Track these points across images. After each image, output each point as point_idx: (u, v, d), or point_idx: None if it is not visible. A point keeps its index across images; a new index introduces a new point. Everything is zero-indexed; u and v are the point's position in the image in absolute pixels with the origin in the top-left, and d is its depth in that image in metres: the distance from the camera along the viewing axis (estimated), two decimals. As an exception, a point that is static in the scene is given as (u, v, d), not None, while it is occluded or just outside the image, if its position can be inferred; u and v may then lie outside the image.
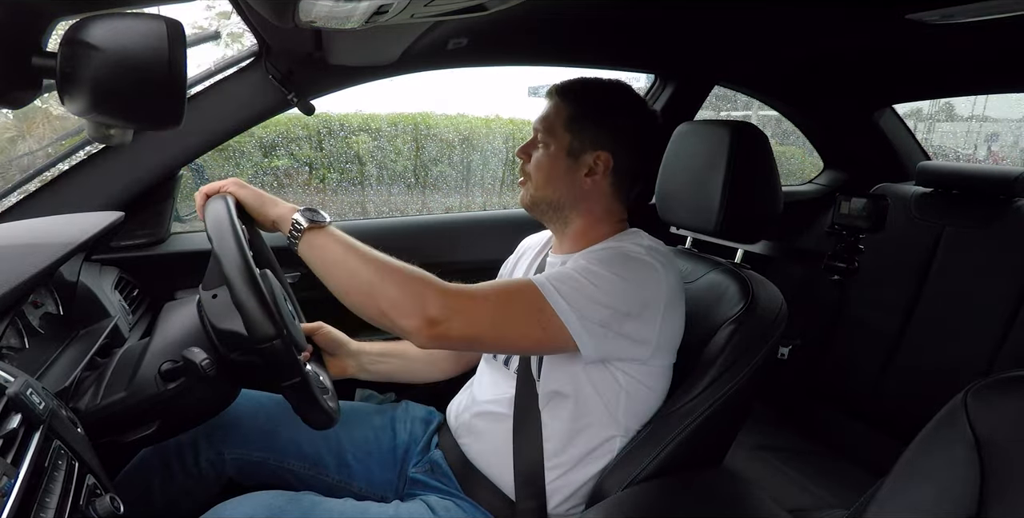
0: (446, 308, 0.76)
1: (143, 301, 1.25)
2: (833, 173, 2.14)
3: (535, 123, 0.97)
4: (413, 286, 0.77)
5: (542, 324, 0.79)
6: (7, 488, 0.50)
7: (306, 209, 0.83)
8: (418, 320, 0.75)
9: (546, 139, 0.94)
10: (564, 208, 0.96)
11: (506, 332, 0.80)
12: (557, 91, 0.96)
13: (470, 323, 0.78)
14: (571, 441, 0.90)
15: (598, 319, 0.80)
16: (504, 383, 0.96)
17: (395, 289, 0.76)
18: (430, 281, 0.78)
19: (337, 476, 1.00)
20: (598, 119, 0.93)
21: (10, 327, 0.80)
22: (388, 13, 0.66)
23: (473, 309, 0.78)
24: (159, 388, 0.77)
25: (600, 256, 0.86)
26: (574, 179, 0.94)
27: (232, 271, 0.70)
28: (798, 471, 1.46)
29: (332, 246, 0.80)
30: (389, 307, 0.76)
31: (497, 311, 0.79)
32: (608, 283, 0.81)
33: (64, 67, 0.48)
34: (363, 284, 0.77)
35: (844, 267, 1.24)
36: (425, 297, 0.76)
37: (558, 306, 0.79)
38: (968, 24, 1.05)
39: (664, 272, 0.86)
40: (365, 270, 0.78)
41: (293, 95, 1.21)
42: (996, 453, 0.52)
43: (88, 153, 1.18)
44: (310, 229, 0.81)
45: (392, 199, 2.93)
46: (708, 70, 1.69)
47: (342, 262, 0.79)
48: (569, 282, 0.81)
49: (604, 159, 0.93)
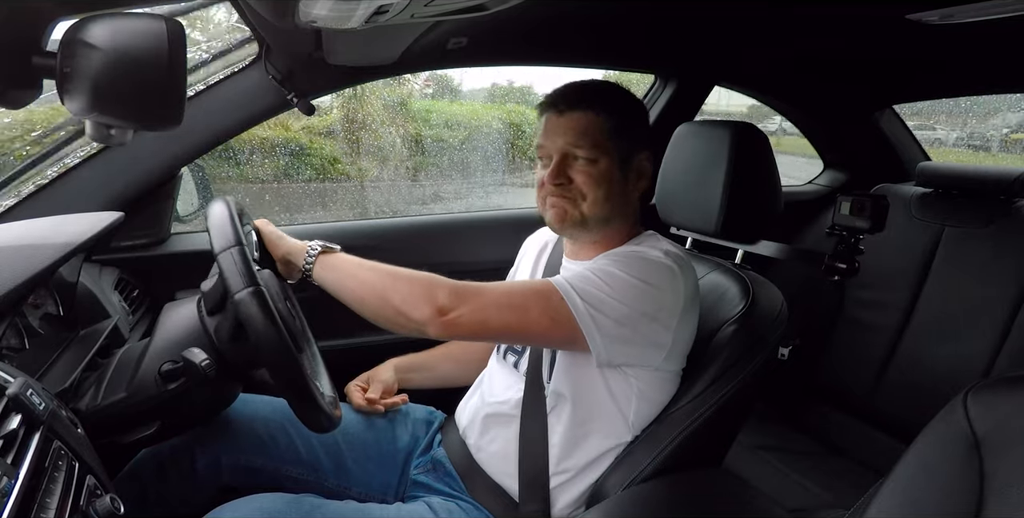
0: (455, 296, 0.79)
1: (143, 301, 1.25)
2: (833, 173, 2.14)
3: (565, 140, 0.89)
4: (423, 281, 0.81)
5: (550, 314, 0.80)
6: (7, 488, 0.50)
7: (316, 241, 0.89)
8: (430, 309, 0.78)
9: (592, 154, 0.88)
10: (612, 220, 0.93)
11: (515, 318, 0.81)
12: (584, 103, 0.89)
13: (476, 310, 0.80)
14: (578, 445, 0.90)
15: (613, 318, 0.80)
16: (514, 385, 0.96)
17: (406, 286, 0.81)
18: (439, 277, 0.83)
19: (335, 481, 0.99)
20: (633, 122, 0.93)
21: (10, 327, 0.79)
22: (388, 13, 0.66)
23: (481, 296, 0.81)
24: (159, 389, 0.77)
25: (619, 259, 0.86)
26: (626, 190, 0.93)
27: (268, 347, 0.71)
28: (798, 471, 1.46)
29: (344, 264, 0.86)
30: (401, 302, 0.79)
31: (504, 298, 0.82)
32: (625, 285, 0.81)
33: (64, 67, 0.48)
34: (376, 289, 0.81)
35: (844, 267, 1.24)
36: (435, 289, 0.80)
37: (572, 301, 0.80)
38: (968, 24, 1.05)
39: (683, 277, 0.86)
40: (377, 277, 0.83)
41: (293, 95, 1.21)
42: (996, 453, 0.52)
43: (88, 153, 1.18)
44: (323, 253, 0.88)
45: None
46: (708, 70, 1.69)
47: (355, 275, 0.84)
48: (585, 281, 0.82)
49: (649, 159, 0.94)
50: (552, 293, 0.81)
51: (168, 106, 0.50)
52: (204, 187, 1.40)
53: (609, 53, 1.54)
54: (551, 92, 0.93)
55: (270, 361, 0.71)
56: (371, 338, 1.43)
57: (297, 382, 0.72)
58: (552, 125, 0.90)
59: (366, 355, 1.18)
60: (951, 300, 1.49)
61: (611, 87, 0.94)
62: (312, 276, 0.87)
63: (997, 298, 1.41)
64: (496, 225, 1.70)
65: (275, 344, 0.69)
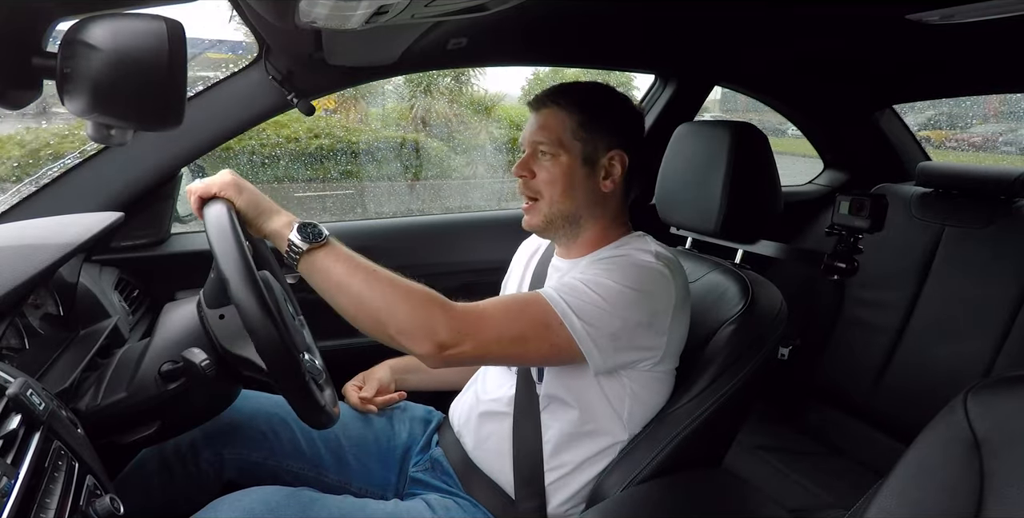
0: (456, 331, 0.75)
1: (143, 302, 1.25)
2: (833, 173, 2.14)
3: (532, 136, 0.93)
4: (422, 311, 0.76)
5: (551, 340, 0.80)
6: (7, 489, 0.50)
7: (302, 225, 0.78)
8: (429, 346, 0.75)
9: (553, 150, 0.91)
10: (580, 218, 0.94)
11: (515, 350, 0.80)
12: (551, 100, 0.93)
13: (480, 344, 0.77)
14: (573, 443, 0.90)
15: (609, 333, 0.80)
16: (506, 382, 0.96)
17: (404, 315, 0.75)
18: (438, 303, 0.77)
19: (336, 476, 1.00)
20: (606, 119, 0.92)
21: (10, 328, 0.80)
22: (388, 13, 0.66)
23: (482, 329, 0.78)
24: (159, 389, 0.77)
25: (610, 266, 0.85)
26: (593, 186, 0.93)
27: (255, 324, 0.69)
28: (798, 471, 1.46)
29: (334, 268, 0.77)
30: (398, 333, 0.75)
31: (506, 329, 0.79)
32: (619, 295, 0.81)
33: (64, 67, 0.48)
34: (371, 310, 0.76)
35: (843, 267, 1.24)
36: (435, 322, 0.75)
37: (569, 322, 0.79)
38: (968, 24, 1.05)
39: (673, 279, 0.86)
40: (371, 294, 0.75)
41: (293, 95, 1.21)
42: (996, 453, 0.52)
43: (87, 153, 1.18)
44: (309, 251, 0.77)
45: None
46: (708, 70, 1.69)
47: (346, 286, 0.76)
48: (580, 296, 0.81)
49: (620, 158, 0.93)
50: (551, 317, 0.79)
51: (168, 106, 0.50)
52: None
53: (609, 53, 1.54)
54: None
55: (269, 360, 0.71)
56: (371, 338, 1.43)
57: (296, 381, 0.72)
58: (529, 121, 0.95)
59: (366, 355, 1.18)
60: (951, 300, 1.49)
61: (587, 86, 0.95)
62: (297, 269, 0.79)
63: (997, 298, 1.41)
64: (495, 225, 1.70)
65: (274, 344, 0.69)
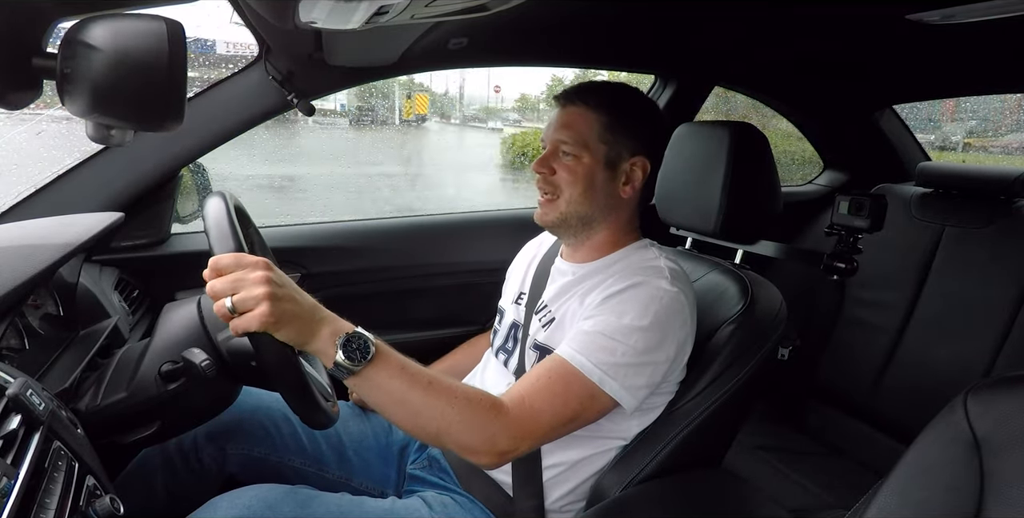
0: (514, 438, 0.76)
1: (143, 302, 1.25)
2: (833, 173, 2.14)
3: (555, 134, 0.91)
4: (480, 426, 0.75)
5: (597, 408, 0.82)
6: (7, 489, 0.50)
7: (347, 340, 0.71)
8: (491, 457, 0.76)
9: (576, 151, 0.89)
10: (594, 221, 0.93)
11: (568, 428, 0.82)
12: (580, 98, 0.90)
13: (537, 440, 0.80)
14: (573, 444, 0.90)
15: (645, 384, 0.83)
16: (503, 381, 0.97)
17: (464, 431, 0.75)
18: (494, 413, 0.76)
19: (338, 472, 1.01)
20: (634, 125, 0.91)
21: (10, 328, 0.80)
22: (388, 14, 0.66)
23: (538, 426, 0.78)
24: (159, 389, 0.77)
25: (625, 304, 0.83)
26: (612, 190, 0.92)
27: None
28: (798, 471, 1.46)
29: (388, 384, 0.73)
30: (460, 449, 0.76)
31: (559, 416, 0.80)
32: (644, 339, 0.81)
33: (64, 68, 0.48)
34: (430, 426, 0.74)
35: (843, 267, 1.24)
36: (494, 433, 0.75)
37: (610, 388, 0.80)
38: (968, 24, 1.05)
39: (687, 299, 0.86)
40: (430, 412, 0.74)
41: (293, 96, 1.21)
42: (996, 453, 0.52)
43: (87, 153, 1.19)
44: (358, 373, 0.72)
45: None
46: (708, 70, 1.69)
47: (403, 403, 0.74)
48: (611, 353, 0.81)
49: (642, 165, 0.92)
50: (593, 388, 0.80)
51: (168, 107, 0.50)
52: (204, 188, 1.40)
53: (609, 53, 1.54)
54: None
55: (267, 361, 0.71)
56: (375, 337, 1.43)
57: (294, 382, 0.72)
58: (554, 117, 0.93)
59: None
60: (951, 300, 1.49)
61: (617, 87, 0.94)
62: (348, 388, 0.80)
63: (997, 298, 1.42)
64: (496, 225, 1.70)
65: (273, 345, 0.69)
